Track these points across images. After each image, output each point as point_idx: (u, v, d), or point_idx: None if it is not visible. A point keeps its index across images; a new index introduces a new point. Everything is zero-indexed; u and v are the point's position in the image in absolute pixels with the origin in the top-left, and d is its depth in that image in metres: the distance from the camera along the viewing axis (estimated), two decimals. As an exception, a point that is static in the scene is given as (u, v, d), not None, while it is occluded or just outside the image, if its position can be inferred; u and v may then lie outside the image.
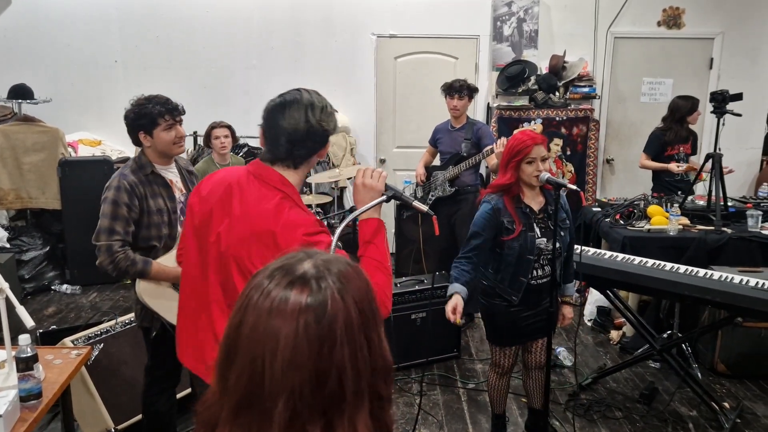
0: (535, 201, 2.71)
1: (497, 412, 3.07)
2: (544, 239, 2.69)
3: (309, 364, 0.77)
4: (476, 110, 6.14)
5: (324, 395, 0.78)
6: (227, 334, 0.83)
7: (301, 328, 0.78)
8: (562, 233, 2.69)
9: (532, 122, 3.86)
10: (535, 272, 2.71)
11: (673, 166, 4.71)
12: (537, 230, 2.69)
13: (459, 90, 4.38)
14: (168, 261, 2.48)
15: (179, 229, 2.55)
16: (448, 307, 2.59)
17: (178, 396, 2.88)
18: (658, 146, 4.85)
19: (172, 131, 2.48)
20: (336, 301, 0.80)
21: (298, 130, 1.68)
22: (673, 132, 4.77)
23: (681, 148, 4.78)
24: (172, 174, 2.61)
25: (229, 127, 4.47)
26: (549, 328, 2.69)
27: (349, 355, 0.80)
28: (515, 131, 3.93)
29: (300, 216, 1.67)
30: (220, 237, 1.73)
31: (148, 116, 2.43)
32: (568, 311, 2.94)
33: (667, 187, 4.81)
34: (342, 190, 5.84)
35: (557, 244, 2.60)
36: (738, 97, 3.98)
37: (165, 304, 2.47)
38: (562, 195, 2.62)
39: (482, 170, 5.34)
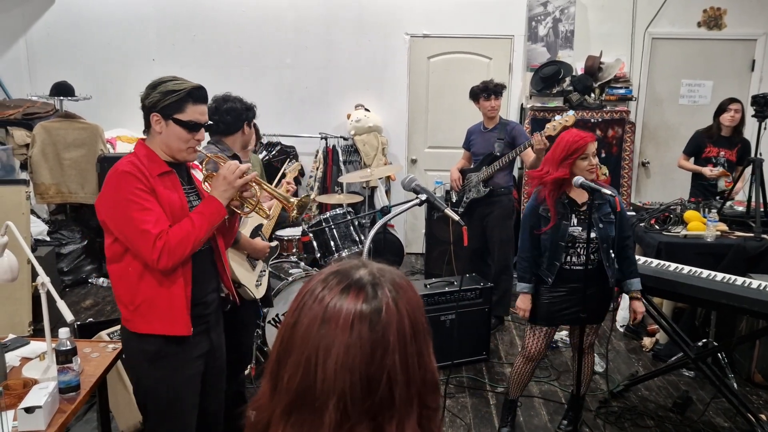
0: (580, 194, 2.88)
1: (512, 396, 3.20)
2: (579, 228, 2.87)
3: (361, 367, 0.79)
4: (509, 111, 6.10)
5: (374, 399, 0.79)
6: (282, 334, 0.85)
7: (355, 331, 0.79)
8: (601, 225, 2.85)
9: (564, 113, 3.85)
10: (569, 258, 2.90)
11: (706, 170, 4.61)
12: (574, 219, 2.88)
13: (495, 91, 4.35)
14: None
15: None
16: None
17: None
18: (695, 147, 4.77)
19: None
20: (390, 308, 0.82)
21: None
22: (708, 131, 4.69)
23: (722, 152, 4.65)
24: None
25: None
26: (587, 314, 2.88)
27: (401, 362, 0.81)
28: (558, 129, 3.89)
29: None
30: None
31: None
32: (637, 306, 3.02)
33: (703, 191, 4.70)
34: (373, 189, 5.86)
35: (593, 234, 2.81)
36: (781, 100, 3.87)
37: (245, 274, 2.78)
38: (612, 198, 2.81)
39: (515, 172, 5.30)
